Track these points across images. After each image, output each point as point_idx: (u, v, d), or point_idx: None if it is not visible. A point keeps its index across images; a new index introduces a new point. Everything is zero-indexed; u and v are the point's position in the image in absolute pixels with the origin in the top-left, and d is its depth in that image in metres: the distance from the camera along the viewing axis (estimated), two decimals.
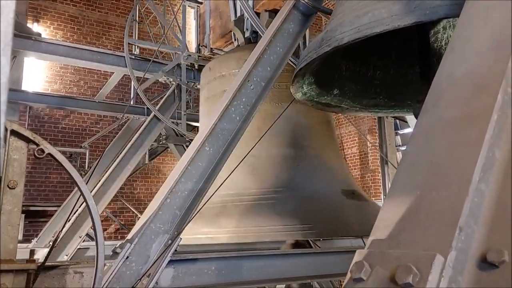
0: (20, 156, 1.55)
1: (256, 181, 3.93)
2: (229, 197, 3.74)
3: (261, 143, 3.37)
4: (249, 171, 3.86)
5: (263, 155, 3.96)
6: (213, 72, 4.58)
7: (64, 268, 2.24)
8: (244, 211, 3.73)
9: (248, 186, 3.88)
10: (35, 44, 5.87)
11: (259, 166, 3.96)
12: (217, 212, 3.70)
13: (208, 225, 3.67)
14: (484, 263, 0.89)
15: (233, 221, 3.68)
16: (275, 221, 3.60)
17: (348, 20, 2.16)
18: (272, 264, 2.93)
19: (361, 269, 0.89)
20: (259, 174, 3.96)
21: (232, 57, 4.56)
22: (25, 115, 9.82)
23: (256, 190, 3.86)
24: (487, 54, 1.13)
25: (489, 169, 1.00)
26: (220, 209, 3.72)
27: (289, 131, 4.15)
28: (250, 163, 3.75)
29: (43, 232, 6.19)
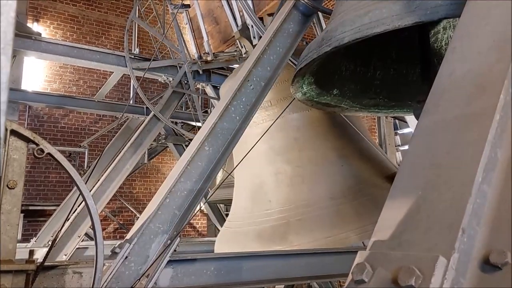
0: (19, 156, 1.54)
1: (309, 191, 3.85)
2: (288, 212, 3.69)
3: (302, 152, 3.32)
4: (299, 182, 3.82)
5: (307, 164, 3.91)
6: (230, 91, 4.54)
7: (63, 268, 2.23)
8: (308, 223, 3.66)
9: (302, 198, 3.79)
10: (34, 44, 5.85)
11: (307, 175, 3.90)
12: (284, 230, 3.65)
13: (279, 244, 3.62)
14: (487, 264, 0.89)
15: (301, 236, 3.62)
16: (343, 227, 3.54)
17: (348, 19, 2.15)
18: (271, 264, 2.92)
19: (362, 271, 0.88)
20: (309, 184, 3.89)
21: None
22: (25, 114, 9.81)
23: (311, 200, 3.79)
24: (489, 54, 1.12)
25: (491, 169, 0.99)
26: (285, 227, 3.67)
27: (323, 133, 4.09)
28: (297, 175, 3.72)
29: (42, 232, 6.17)
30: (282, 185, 3.64)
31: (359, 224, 3.55)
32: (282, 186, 3.62)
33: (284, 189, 3.36)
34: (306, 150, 3.67)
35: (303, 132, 3.47)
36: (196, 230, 11.54)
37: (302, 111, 3.96)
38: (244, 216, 4.01)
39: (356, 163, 4.05)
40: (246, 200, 4.07)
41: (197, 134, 2.80)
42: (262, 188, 3.95)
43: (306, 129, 3.62)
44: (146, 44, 11.07)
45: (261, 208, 3.88)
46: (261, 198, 3.93)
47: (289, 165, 3.57)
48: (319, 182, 3.90)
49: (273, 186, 3.42)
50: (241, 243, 3.83)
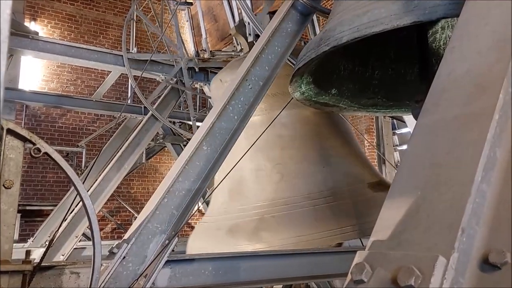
0: (16, 155, 1.53)
1: (286, 189, 3.86)
2: (263, 208, 3.68)
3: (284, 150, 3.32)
4: (278, 179, 3.82)
5: (288, 162, 3.91)
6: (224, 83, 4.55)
7: (60, 268, 2.22)
8: (282, 221, 3.66)
9: (280, 196, 3.80)
10: (32, 43, 5.83)
11: (287, 173, 3.91)
12: (256, 225, 3.64)
13: (249, 239, 3.61)
14: (486, 264, 0.88)
15: (273, 232, 3.62)
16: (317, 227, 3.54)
17: (347, 19, 2.15)
18: (269, 264, 2.92)
19: (362, 271, 0.88)
20: (288, 182, 3.89)
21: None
22: (22, 114, 9.78)
23: (289, 198, 3.79)
24: (488, 54, 1.12)
25: (490, 169, 0.99)
26: (257, 223, 3.67)
27: (309, 133, 4.10)
28: (277, 172, 3.72)
29: (39, 232, 6.16)
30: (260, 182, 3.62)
31: (333, 227, 3.57)
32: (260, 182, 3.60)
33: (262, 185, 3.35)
34: (289, 148, 3.65)
35: (288, 130, 3.45)
36: None
37: (290, 109, 3.98)
38: (220, 211, 4.00)
39: (339, 166, 4.06)
40: (224, 195, 4.06)
41: (195, 134, 2.79)
42: (240, 184, 3.94)
43: (291, 128, 3.60)
44: (144, 43, 11.05)
45: (237, 203, 3.86)
46: (238, 194, 3.91)
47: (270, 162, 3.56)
48: (298, 181, 3.91)
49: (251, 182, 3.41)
50: (213, 238, 3.81)
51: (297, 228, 3.57)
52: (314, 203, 3.72)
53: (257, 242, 3.59)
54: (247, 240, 3.56)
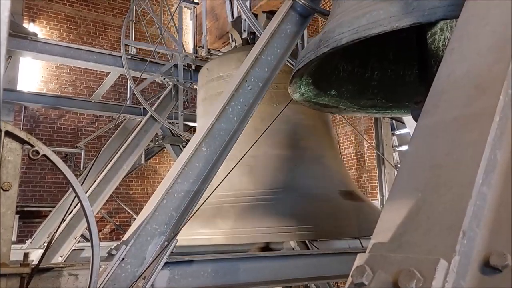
0: (14, 157, 1.52)
1: (253, 181, 3.91)
2: (225, 197, 3.71)
3: (258, 144, 3.34)
4: (246, 171, 3.84)
5: (261, 156, 3.94)
6: (211, 73, 4.57)
7: (58, 270, 2.21)
8: (241, 211, 3.71)
9: (245, 187, 3.85)
10: (31, 44, 5.83)
11: (256, 167, 3.94)
12: (214, 213, 3.68)
13: (205, 226, 3.64)
14: (487, 267, 0.88)
15: (229, 222, 3.66)
16: (272, 222, 3.58)
17: (346, 21, 2.14)
18: (268, 266, 2.92)
19: (362, 274, 0.87)
20: (256, 175, 3.94)
21: (230, 58, 4.55)
22: (20, 115, 9.76)
23: (253, 191, 3.84)
24: (488, 55, 1.11)
25: (491, 171, 0.98)
26: (216, 210, 3.69)
27: (287, 131, 4.14)
28: (247, 164, 3.73)
29: (37, 233, 6.15)
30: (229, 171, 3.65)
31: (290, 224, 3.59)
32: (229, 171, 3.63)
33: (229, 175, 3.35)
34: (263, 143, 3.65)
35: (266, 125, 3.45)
36: None
37: (271, 104, 3.99)
38: None
39: (312, 168, 4.08)
40: None
41: (194, 135, 2.79)
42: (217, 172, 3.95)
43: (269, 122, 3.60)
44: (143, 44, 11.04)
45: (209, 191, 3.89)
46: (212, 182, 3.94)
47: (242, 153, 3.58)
48: (266, 175, 3.93)
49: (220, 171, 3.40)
50: None
51: (253, 220, 3.61)
52: (276, 198, 3.75)
53: (212, 229, 3.61)
54: (201, 226, 3.57)
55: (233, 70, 4.24)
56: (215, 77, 4.47)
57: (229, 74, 4.30)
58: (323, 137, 4.45)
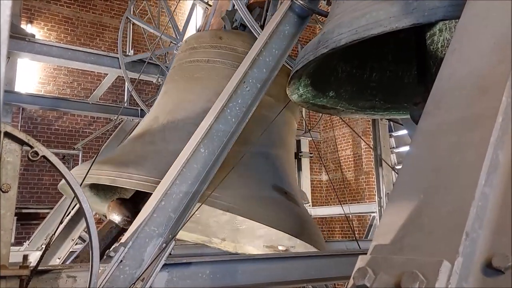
0: (13, 158, 1.51)
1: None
2: None
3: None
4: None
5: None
6: (187, 44, 4.54)
7: (57, 272, 2.20)
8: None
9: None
10: (28, 45, 5.82)
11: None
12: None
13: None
14: (489, 268, 0.87)
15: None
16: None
17: (345, 21, 2.14)
18: (267, 267, 2.91)
19: (364, 276, 0.86)
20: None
21: (208, 32, 4.58)
22: (18, 116, 9.73)
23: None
24: (490, 55, 1.11)
25: (493, 172, 0.98)
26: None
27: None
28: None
29: (35, 235, 6.12)
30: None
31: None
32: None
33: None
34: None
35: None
36: None
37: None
38: None
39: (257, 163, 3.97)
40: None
41: (192, 136, 2.78)
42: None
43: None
44: (141, 46, 11.03)
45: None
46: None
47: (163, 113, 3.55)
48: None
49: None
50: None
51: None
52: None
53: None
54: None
55: (207, 42, 4.21)
56: (189, 48, 4.44)
57: (202, 45, 4.24)
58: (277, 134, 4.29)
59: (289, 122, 4.52)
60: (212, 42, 3.95)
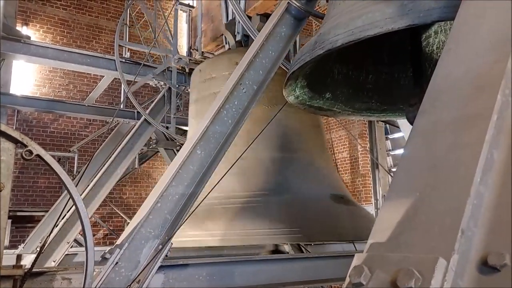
0: (7, 157, 1.50)
1: (244, 184, 3.90)
2: (216, 199, 3.69)
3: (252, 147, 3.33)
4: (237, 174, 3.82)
5: (252, 158, 3.92)
6: (203, 74, 4.56)
7: (51, 274, 2.19)
8: (231, 214, 3.69)
9: (235, 189, 3.84)
10: (24, 47, 5.80)
11: (247, 169, 3.92)
12: (204, 215, 3.65)
13: (195, 228, 3.61)
14: (485, 266, 0.87)
15: (220, 224, 3.64)
16: (263, 224, 3.56)
17: (342, 22, 2.15)
18: (263, 269, 2.90)
19: (360, 274, 0.86)
20: (247, 177, 3.93)
21: (223, 59, 4.55)
22: (13, 118, 9.69)
23: (244, 193, 3.82)
24: (486, 54, 1.11)
25: (488, 171, 0.98)
26: (207, 212, 3.67)
27: (279, 134, 4.13)
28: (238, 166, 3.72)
29: (30, 238, 6.08)
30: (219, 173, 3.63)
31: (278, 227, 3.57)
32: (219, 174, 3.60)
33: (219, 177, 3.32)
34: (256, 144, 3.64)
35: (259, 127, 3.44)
36: None
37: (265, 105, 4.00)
38: None
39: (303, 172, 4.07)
40: None
41: (188, 138, 2.77)
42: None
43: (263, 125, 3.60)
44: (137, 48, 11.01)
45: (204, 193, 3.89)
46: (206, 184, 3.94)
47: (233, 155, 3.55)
48: (256, 177, 3.93)
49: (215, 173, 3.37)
50: None
51: (243, 223, 3.60)
52: (265, 200, 3.74)
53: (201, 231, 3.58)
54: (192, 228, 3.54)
55: (225, 71, 4.24)
56: (207, 78, 4.46)
57: (221, 75, 4.30)
58: (315, 140, 4.44)
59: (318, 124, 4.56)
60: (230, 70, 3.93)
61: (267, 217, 3.62)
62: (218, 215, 3.70)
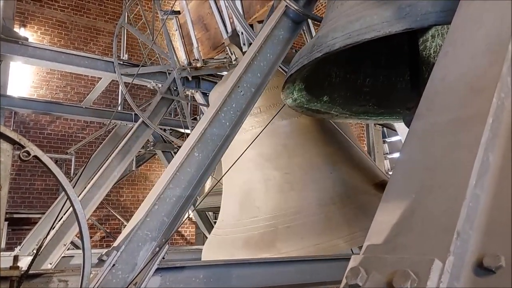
0: (5, 158, 1.50)
1: (297, 198, 3.83)
2: (275, 219, 3.65)
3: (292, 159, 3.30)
4: (288, 188, 3.80)
5: (297, 170, 3.88)
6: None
7: (48, 276, 2.18)
8: (296, 230, 3.63)
9: (291, 205, 3.77)
10: (21, 49, 5.80)
11: (296, 182, 3.88)
12: (270, 237, 3.61)
13: (266, 252, 3.57)
14: (481, 268, 0.88)
15: (290, 242, 3.59)
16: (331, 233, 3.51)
17: (339, 25, 2.16)
18: (261, 271, 2.90)
19: (357, 275, 0.87)
20: (298, 190, 3.87)
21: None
22: (10, 120, 9.68)
23: (300, 207, 3.75)
24: (482, 57, 1.12)
25: (484, 173, 0.99)
26: (272, 234, 3.63)
27: (312, 142, 4.09)
28: (286, 181, 3.70)
29: (26, 240, 6.06)
30: (270, 192, 3.62)
31: (348, 231, 3.55)
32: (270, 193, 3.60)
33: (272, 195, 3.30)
34: (295, 156, 3.65)
35: (292, 139, 3.45)
36: (184, 239, 11.45)
37: (292, 117, 3.97)
38: (231, 224, 3.99)
39: (345, 170, 4.05)
40: (234, 207, 4.05)
41: (186, 140, 2.78)
42: (250, 195, 3.92)
43: (295, 136, 3.61)
44: (135, 50, 11.03)
45: (249, 215, 3.85)
46: (249, 205, 3.90)
47: (278, 171, 3.53)
48: (308, 189, 3.88)
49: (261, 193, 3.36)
50: (228, 251, 3.80)
51: (312, 236, 3.55)
52: (325, 210, 3.70)
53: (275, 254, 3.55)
54: (264, 251, 3.51)
55: None
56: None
57: None
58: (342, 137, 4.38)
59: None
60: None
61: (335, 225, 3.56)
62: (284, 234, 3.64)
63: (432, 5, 1.90)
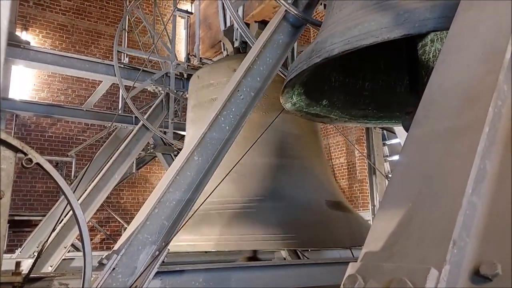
0: (7, 166, 1.51)
1: (240, 189, 3.91)
2: (212, 204, 3.68)
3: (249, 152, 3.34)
4: (234, 179, 3.83)
5: (248, 163, 3.92)
6: (202, 80, 4.58)
7: (49, 279, 2.19)
8: (227, 219, 3.70)
9: (232, 194, 3.85)
10: (23, 52, 5.82)
11: (244, 174, 3.94)
12: (199, 219, 3.65)
13: (189, 233, 3.61)
14: (477, 276, 0.89)
15: (215, 229, 3.65)
16: (259, 229, 3.58)
17: (338, 31, 2.17)
18: (260, 275, 2.91)
19: (354, 283, 0.88)
20: (243, 183, 3.94)
21: (221, 66, 4.57)
22: (12, 123, 9.69)
23: (240, 198, 3.84)
24: (478, 66, 1.13)
25: (480, 181, 1.00)
26: (202, 217, 3.67)
27: (275, 140, 4.16)
28: (235, 172, 3.72)
29: (27, 242, 6.08)
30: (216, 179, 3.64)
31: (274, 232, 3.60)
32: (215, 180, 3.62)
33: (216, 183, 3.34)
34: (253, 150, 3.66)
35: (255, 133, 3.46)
36: None
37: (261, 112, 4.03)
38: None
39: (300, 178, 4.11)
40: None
41: (185, 143, 2.79)
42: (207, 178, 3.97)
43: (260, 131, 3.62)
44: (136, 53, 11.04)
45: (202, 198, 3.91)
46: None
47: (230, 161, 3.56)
48: (252, 183, 3.96)
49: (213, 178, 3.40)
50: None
51: (240, 228, 3.62)
52: (263, 207, 3.76)
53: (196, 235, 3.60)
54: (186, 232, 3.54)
55: (223, 77, 4.26)
56: (206, 84, 4.48)
57: (219, 81, 4.33)
58: (311, 146, 4.48)
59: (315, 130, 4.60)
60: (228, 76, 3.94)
61: (264, 223, 3.64)
62: (213, 220, 3.71)
63: (430, 11, 1.91)
